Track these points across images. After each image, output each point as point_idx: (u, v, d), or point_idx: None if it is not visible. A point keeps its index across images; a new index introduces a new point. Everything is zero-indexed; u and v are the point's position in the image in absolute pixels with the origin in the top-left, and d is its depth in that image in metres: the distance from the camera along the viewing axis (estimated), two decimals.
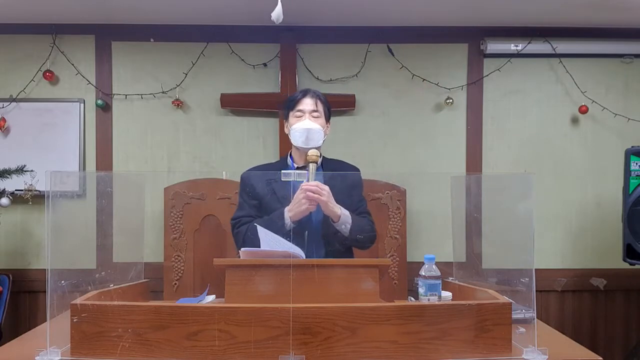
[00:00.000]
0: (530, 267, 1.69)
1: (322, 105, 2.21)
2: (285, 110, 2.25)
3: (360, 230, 2.12)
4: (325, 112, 2.22)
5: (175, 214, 2.74)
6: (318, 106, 2.19)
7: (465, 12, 2.80)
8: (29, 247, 2.98)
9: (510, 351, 1.60)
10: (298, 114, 2.18)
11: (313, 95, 2.20)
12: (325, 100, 2.23)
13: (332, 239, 2.10)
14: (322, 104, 2.20)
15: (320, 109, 2.19)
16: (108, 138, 2.98)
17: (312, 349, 1.54)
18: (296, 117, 2.18)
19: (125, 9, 2.75)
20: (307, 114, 2.17)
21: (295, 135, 2.16)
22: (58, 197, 1.73)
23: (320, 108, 2.19)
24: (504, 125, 3.04)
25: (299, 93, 2.23)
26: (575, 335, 2.91)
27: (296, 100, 2.20)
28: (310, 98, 2.19)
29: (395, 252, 2.78)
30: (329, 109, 2.25)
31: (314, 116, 2.17)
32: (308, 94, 2.21)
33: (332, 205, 2.03)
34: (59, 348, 1.56)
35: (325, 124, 2.21)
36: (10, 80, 2.95)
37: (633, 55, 2.99)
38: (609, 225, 2.99)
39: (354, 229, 2.09)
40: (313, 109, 2.17)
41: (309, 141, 2.14)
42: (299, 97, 2.21)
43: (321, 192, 1.99)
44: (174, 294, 2.70)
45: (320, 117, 2.19)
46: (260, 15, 2.58)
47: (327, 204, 2.01)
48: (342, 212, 2.07)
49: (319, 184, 2.01)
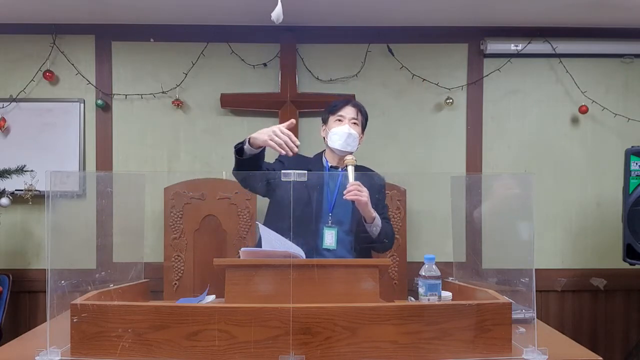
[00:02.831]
0: (530, 267, 1.69)
1: (362, 117, 2.33)
2: (326, 114, 2.35)
3: (386, 235, 2.25)
4: (362, 123, 2.34)
5: (175, 214, 2.74)
6: (358, 116, 2.31)
7: (465, 12, 2.80)
8: (29, 247, 2.98)
9: (510, 351, 1.60)
10: (339, 119, 2.29)
11: (355, 105, 2.33)
12: (364, 112, 2.36)
13: (360, 238, 2.21)
14: (361, 115, 2.33)
15: (359, 119, 2.31)
16: (108, 138, 2.98)
17: (312, 349, 1.54)
18: (337, 122, 2.29)
19: (125, 9, 2.75)
20: (347, 120, 2.27)
21: (333, 137, 2.26)
22: (58, 197, 1.73)
23: (359, 118, 2.31)
24: (504, 125, 3.04)
25: (342, 101, 2.35)
26: (575, 335, 2.90)
27: (339, 107, 2.32)
28: (352, 107, 2.31)
29: (395, 252, 2.78)
30: (366, 121, 2.37)
31: (354, 123, 2.28)
32: (350, 103, 2.33)
33: (370, 207, 2.13)
34: (59, 348, 1.56)
35: (361, 133, 2.33)
36: (10, 80, 2.95)
37: (633, 55, 2.99)
38: (609, 225, 2.99)
39: (382, 233, 2.22)
40: (353, 117, 2.29)
41: (346, 145, 2.24)
42: (342, 104, 2.32)
43: (362, 192, 2.09)
44: (174, 294, 2.70)
45: (358, 125, 2.31)
46: (260, 15, 2.58)
47: (366, 204, 2.11)
48: (376, 215, 2.18)
49: (360, 185, 2.10)
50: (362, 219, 2.17)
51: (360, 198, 2.08)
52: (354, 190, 2.08)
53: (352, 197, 2.08)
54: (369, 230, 2.18)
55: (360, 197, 2.08)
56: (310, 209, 2.19)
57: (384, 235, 2.23)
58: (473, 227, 2.25)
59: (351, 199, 2.08)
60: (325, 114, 2.36)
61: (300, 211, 2.10)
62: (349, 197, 2.08)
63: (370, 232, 2.19)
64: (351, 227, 2.23)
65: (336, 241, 2.17)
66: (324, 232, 2.18)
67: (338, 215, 2.22)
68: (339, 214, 2.22)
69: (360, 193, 2.08)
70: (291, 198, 1.99)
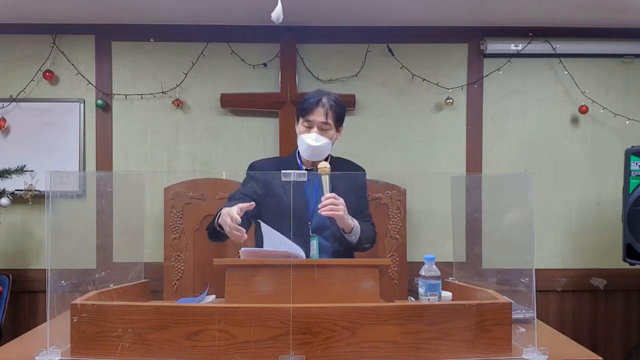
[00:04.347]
0: (530, 267, 1.69)
1: (334, 114, 2.13)
2: (297, 111, 2.21)
3: (367, 239, 2.15)
4: (335, 121, 2.15)
5: (175, 214, 2.74)
6: (329, 118, 2.12)
7: (465, 12, 2.80)
8: (29, 247, 2.98)
9: (510, 351, 1.60)
10: (307, 125, 2.13)
11: (324, 106, 2.11)
12: (338, 107, 2.15)
13: (340, 246, 2.12)
14: (333, 113, 2.13)
15: (331, 120, 2.12)
16: (108, 138, 2.98)
17: (312, 349, 1.54)
18: (304, 127, 2.14)
19: (125, 9, 2.75)
20: (316, 127, 2.11)
21: (302, 145, 2.14)
22: (58, 197, 1.73)
23: (331, 120, 2.12)
24: (504, 125, 3.04)
25: (313, 100, 2.13)
26: (575, 335, 2.90)
27: (308, 109, 2.12)
28: (321, 108, 2.11)
29: (395, 252, 2.78)
30: (342, 114, 2.18)
31: (323, 129, 2.12)
32: (320, 104, 2.11)
33: (347, 218, 2.02)
34: (59, 348, 1.56)
35: (335, 135, 2.17)
36: (10, 80, 2.95)
37: (633, 55, 2.99)
38: (609, 225, 2.99)
39: (363, 238, 2.11)
40: (322, 121, 2.11)
41: (313, 157, 2.14)
42: (312, 105, 2.12)
43: (338, 206, 1.98)
44: (174, 294, 2.70)
45: (331, 129, 2.14)
46: (260, 15, 2.58)
47: (343, 218, 2.00)
48: (354, 224, 2.08)
49: (336, 197, 1.99)
50: (341, 230, 2.06)
51: (336, 212, 1.97)
52: (329, 204, 1.97)
53: (328, 212, 1.97)
54: (348, 239, 2.08)
55: (336, 212, 1.97)
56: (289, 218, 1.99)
57: (365, 240, 2.12)
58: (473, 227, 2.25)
59: (326, 214, 1.97)
60: (297, 111, 2.20)
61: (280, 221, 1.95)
62: (324, 213, 1.97)
63: (350, 241, 2.09)
64: (332, 232, 2.12)
65: (318, 250, 2.09)
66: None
67: (317, 222, 2.12)
68: (319, 222, 2.11)
69: (336, 207, 1.97)
70: (291, 198, 2.00)
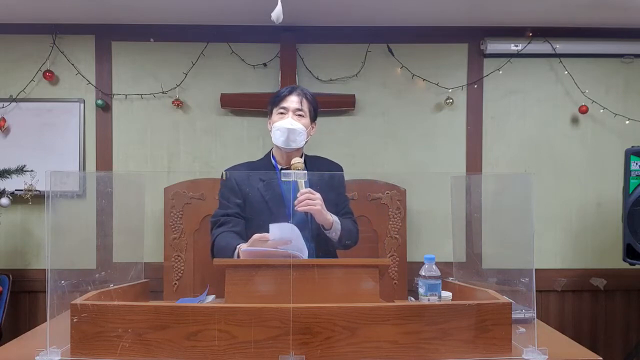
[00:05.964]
0: (530, 267, 1.69)
1: (308, 104, 2.14)
2: (270, 106, 2.17)
3: (349, 236, 2.12)
4: (310, 112, 2.15)
5: (175, 214, 2.74)
6: (303, 105, 2.12)
7: (465, 12, 2.80)
8: (29, 247, 2.98)
9: (510, 351, 1.60)
10: (281, 112, 2.11)
11: (299, 94, 2.13)
12: (312, 99, 2.16)
13: (321, 244, 2.09)
14: (307, 103, 2.14)
15: (305, 108, 2.12)
16: (108, 138, 2.98)
17: (312, 349, 1.54)
18: (279, 115, 2.11)
19: (125, 9, 2.75)
20: (291, 112, 2.10)
21: (276, 134, 2.09)
22: (58, 197, 1.73)
23: (305, 107, 2.12)
24: (504, 125, 3.04)
25: (285, 90, 2.14)
26: (575, 335, 2.91)
27: (281, 97, 2.12)
28: (296, 96, 2.11)
29: (395, 252, 2.78)
30: (315, 109, 2.18)
31: (298, 114, 2.11)
32: (294, 91, 2.13)
33: (325, 213, 2.00)
34: (59, 348, 1.56)
35: (309, 124, 2.15)
36: (10, 80, 2.95)
37: (633, 55, 2.99)
38: (609, 225, 2.99)
39: (344, 235, 2.09)
40: (297, 107, 2.10)
41: (289, 142, 2.08)
42: (284, 93, 2.12)
43: (315, 200, 1.96)
44: (174, 294, 2.70)
45: (305, 116, 2.12)
46: (260, 15, 2.58)
47: (320, 212, 1.97)
48: (334, 219, 2.05)
49: (312, 192, 1.97)
50: (321, 226, 2.04)
51: (313, 207, 1.94)
52: (305, 199, 1.94)
53: (304, 208, 1.93)
54: (329, 236, 2.05)
55: (313, 206, 1.94)
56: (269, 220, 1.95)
57: (347, 237, 2.10)
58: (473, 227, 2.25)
59: (303, 210, 1.94)
60: (269, 105, 2.17)
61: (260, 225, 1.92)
62: (300, 208, 1.93)
63: (331, 238, 2.06)
64: (312, 233, 2.08)
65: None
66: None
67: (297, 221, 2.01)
68: (298, 221, 2.02)
69: (313, 202, 1.94)
70: (291, 197, 2.00)
